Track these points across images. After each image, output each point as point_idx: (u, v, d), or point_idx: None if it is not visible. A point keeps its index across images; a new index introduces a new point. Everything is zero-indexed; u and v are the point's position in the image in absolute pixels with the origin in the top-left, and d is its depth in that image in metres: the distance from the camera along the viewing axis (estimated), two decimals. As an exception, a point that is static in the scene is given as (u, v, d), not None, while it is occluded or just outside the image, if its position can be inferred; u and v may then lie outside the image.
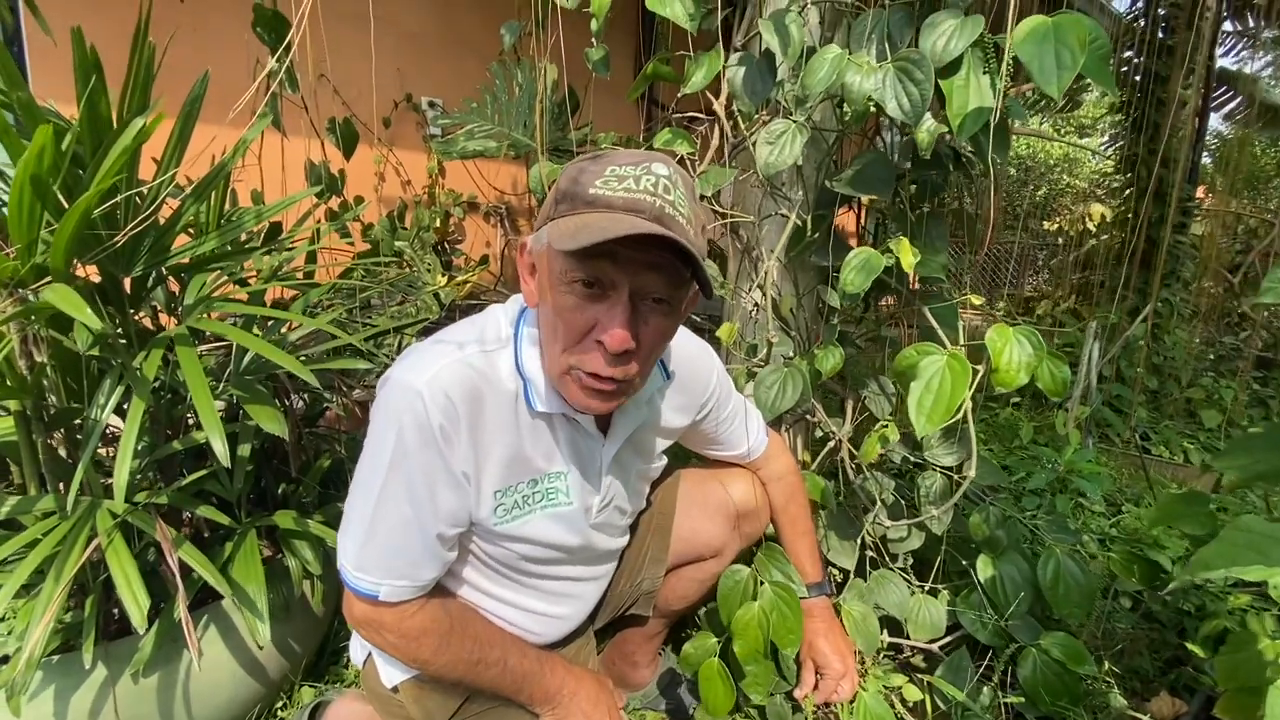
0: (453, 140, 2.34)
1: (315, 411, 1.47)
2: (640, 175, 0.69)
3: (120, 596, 0.82)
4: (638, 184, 0.68)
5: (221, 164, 0.97)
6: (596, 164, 0.71)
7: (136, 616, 0.81)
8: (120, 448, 0.79)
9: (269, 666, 1.14)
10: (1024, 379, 0.99)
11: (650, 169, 0.69)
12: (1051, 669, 1.15)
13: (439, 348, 0.78)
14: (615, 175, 0.69)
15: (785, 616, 1.04)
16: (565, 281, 0.70)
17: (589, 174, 0.70)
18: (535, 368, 0.80)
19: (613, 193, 0.68)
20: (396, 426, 0.73)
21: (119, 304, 1.01)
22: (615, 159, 0.71)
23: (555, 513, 0.87)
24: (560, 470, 0.86)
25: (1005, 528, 1.31)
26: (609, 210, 0.67)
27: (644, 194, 0.68)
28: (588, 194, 0.69)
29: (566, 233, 0.67)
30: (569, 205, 0.70)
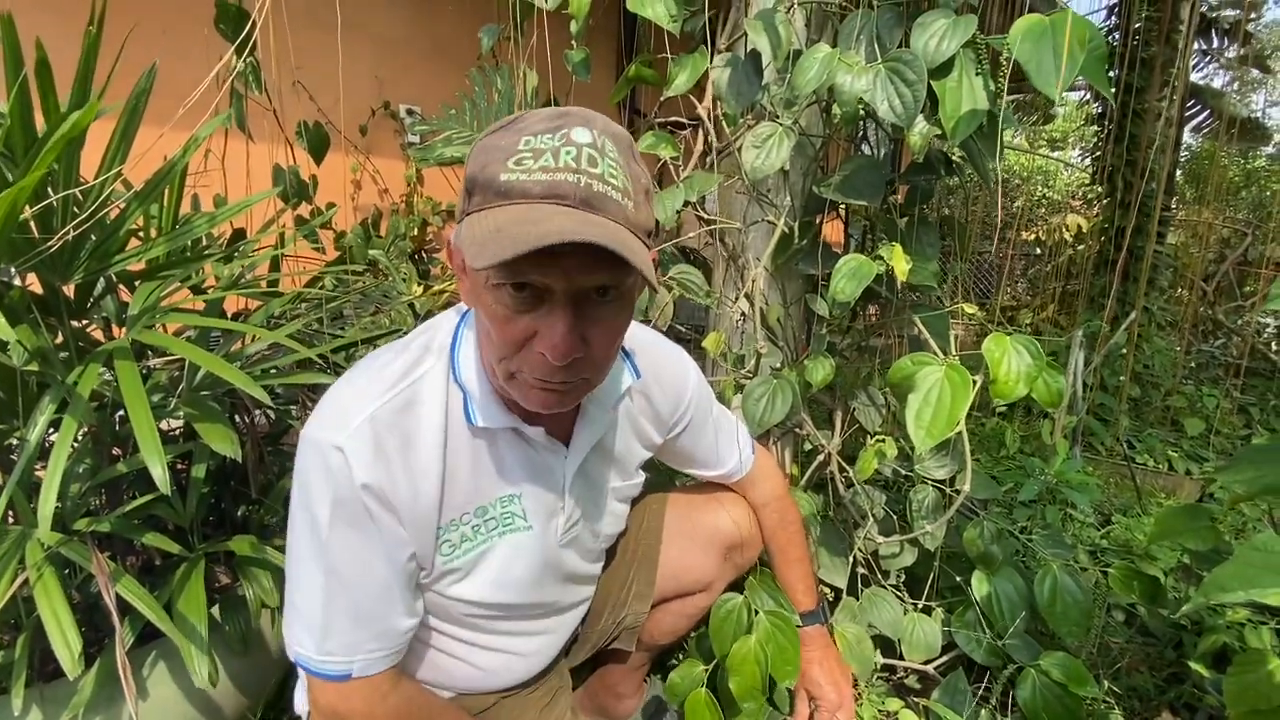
0: (430, 147, 2.28)
1: (279, 429, 1.40)
2: (560, 148, 0.57)
3: (50, 639, 0.74)
4: (557, 159, 0.56)
5: (172, 162, 0.91)
6: (508, 135, 0.58)
7: (68, 661, 0.73)
8: (48, 471, 0.71)
9: (224, 705, 1.05)
10: (1023, 391, 0.95)
11: (570, 136, 0.57)
12: (1052, 691, 1.11)
13: (353, 389, 0.68)
14: (530, 150, 0.57)
15: (783, 648, 0.98)
16: (491, 287, 0.59)
17: (499, 151, 0.58)
18: (471, 376, 0.70)
19: (529, 177, 0.56)
20: (322, 497, 0.65)
21: (59, 314, 0.94)
22: (529, 124, 0.58)
23: (513, 540, 0.77)
24: (511, 493, 0.76)
25: (1000, 543, 1.27)
26: (525, 201, 0.56)
27: (565, 172, 0.56)
28: (499, 181, 0.57)
29: (476, 239, 0.56)
30: (481, 197, 0.58)
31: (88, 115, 0.70)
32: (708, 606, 1.04)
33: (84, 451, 0.99)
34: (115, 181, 0.83)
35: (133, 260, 0.89)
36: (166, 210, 1.02)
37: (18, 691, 0.81)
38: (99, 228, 0.90)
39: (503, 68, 2.21)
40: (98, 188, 0.80)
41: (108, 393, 0.98)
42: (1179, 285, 4.17)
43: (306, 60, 1.63)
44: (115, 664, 0.88)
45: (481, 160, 0.59)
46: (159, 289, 0.90)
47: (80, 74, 0.81)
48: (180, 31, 2.22)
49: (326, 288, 1.46)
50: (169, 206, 1.01)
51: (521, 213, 0.55)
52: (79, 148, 0.89)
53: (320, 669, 0.69)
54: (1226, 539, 1.03)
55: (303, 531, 0.68)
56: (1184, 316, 3.62)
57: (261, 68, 1.40)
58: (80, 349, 0.96)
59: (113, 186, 0.81)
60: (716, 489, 1.08)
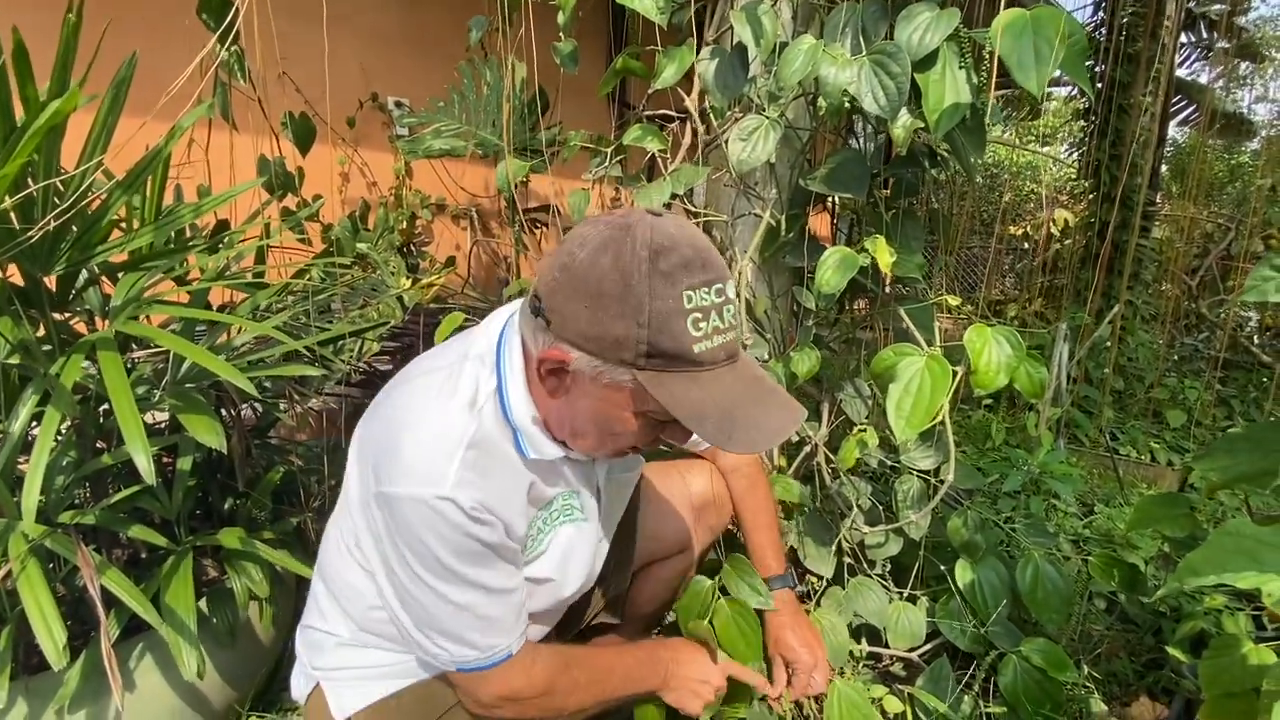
0: (419, 139, 2.27)
1: (267, 421, 1.39)
2: (721, 306, 0.65)
3: (35, 631, 0.74)
4: (723, 319, 0.65)
5: (155, 151, 0.90)
6: (670, 285, 0.63)
7: (52, 653, 0.73)
8: (31, 463, 0.71)
9: (212, 697, 1.06)
10: (1003, 380, 0.97)
11: (725, 292, 0.66)
12: (1033, 676, 1.13)
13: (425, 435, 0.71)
14: (699, 309, 0.63)
15: (742, 633, 1.00)
16: (641, 414, 0.70)
17: (676, 315, 0.62)
18: (525, 417, 0.75)
19: (712, 344, 0.65)
20: (445, 544, 0.70)
21: (41, 306, 0.93)
22: (682, 270, 0.63)
23: (572, 525, 0.87)
24: (571, 490, 0.87)
25: (983, 532, 1.29)
26: (714, 366, 0.66)
27: (731, 333, 0.66)
28: (693, 353, 0.64)
29: (705, 416, 0.64)
30: (666, 361, 0.64)
31: (68, 103, 0.69)
32: (685, 571, 1.09)
33: (68, 444, 0.98)
34: (96, 171, 0.82)
35: (115, 251, 0.88)
36: (149, 201, 1.01)
37: (2, 684, 0.80)
38: (80, 218, 0.89)
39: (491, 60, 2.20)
40: (78, 177, 0.79)
41: (91, 385, 0.98)
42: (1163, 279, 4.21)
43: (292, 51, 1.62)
44: (101, 656, 0.88)
45: (656, 322, 0.63)
46: (142, 280, 0.90)
47: (59, 62, 0.80)
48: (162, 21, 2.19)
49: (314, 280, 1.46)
50: (152, 197, 1.00)
51: (729, 386, 0.66)
52: (59, 137, 0.88)
53: (490, 661, 0.76)
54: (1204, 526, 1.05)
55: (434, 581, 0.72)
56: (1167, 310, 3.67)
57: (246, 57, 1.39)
58: (63, 341, 0.95)
59: (94, 176, 0.80)
60: (684, 457, 1.13)
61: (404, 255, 2.48)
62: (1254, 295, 0.79)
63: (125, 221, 1.02)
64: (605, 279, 0.63)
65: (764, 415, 0.66)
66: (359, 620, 0.83)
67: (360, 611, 0.82)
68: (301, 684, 0.89)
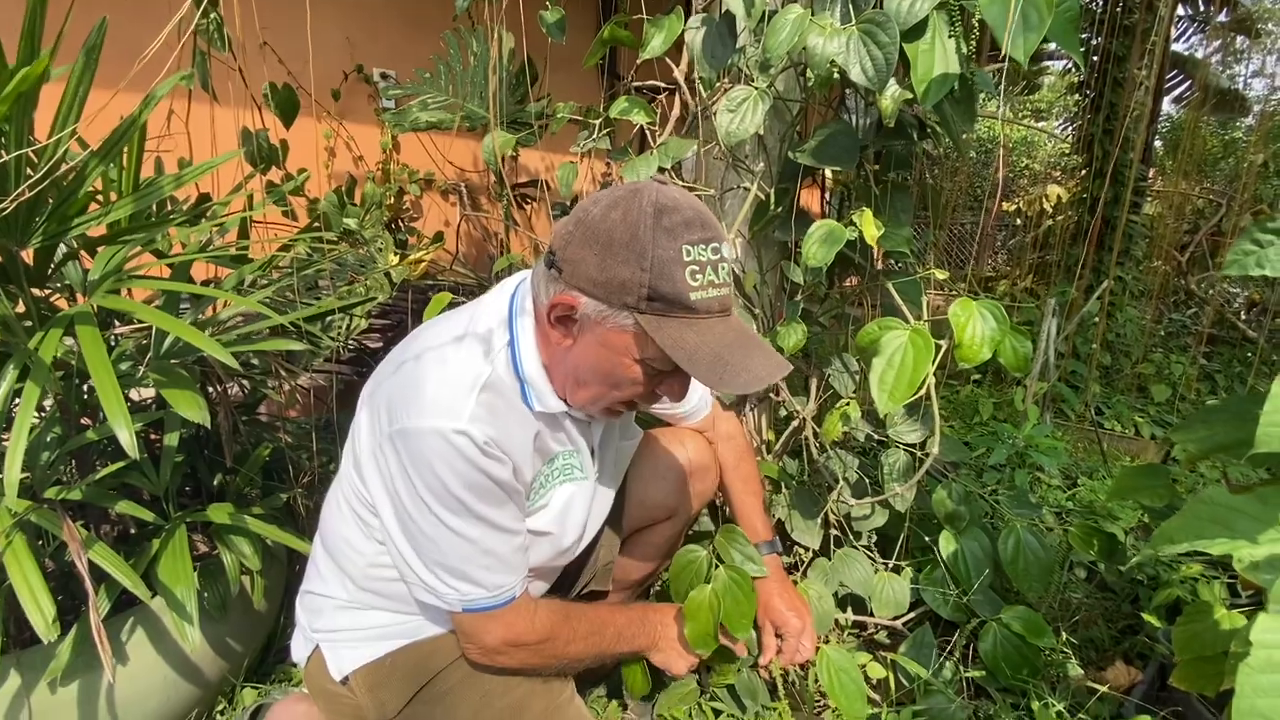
0: (405, 111, 2.23)
1: (255, 398, 1.39)
2: (716, 263, 0.71)
3: (22, 603, 0.74)
4: (718, 274, 0.71)
5: (130, 119, 0.88)
6: (670, 239, 0.69)
7: (41, 625, 0.73)
8: (12, 437, 0.71)
9: (205, 669, 1.07)
10: (987, 354, 0.97)
11: (721, 252, 0.72)
12: (1012, 642, 1.15)
13: (443, 374, 0.76)
14: (695, 263, 0.69)
15: (738, 601, 1.01)
16: (640, 361, 0.74)
17: (674, 264, 0.69)
18: (534, 370, 0.80)
19: (707, 294, 0.70)
20: (457, 476, 0.73)
21: (19, 281, 0.92)
22: (683, 228, 0.69)
23: (572, 484, 0.92)
24: (571, 449, 0.91)
25: (967, 504, 1.31)
26: (709, 316, 0.71)
27: (724, 287, 0.72)
28: (689, 299, 0.69)
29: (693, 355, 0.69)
30: (666, 306, 0.70)
31: (37, 69, 0.68)
32: (674, 537, 1.11)
33: (51, 421, 0.98)
34: (70, 140, 0.81)
35: (93, 223, 0.87)
36: (127, 173, 0.99)
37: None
38: (56, 190, 0.87)
39: (478, 29, 2.15)
40: (52, 147, 0.77)
41: (73, 361, 0.97)
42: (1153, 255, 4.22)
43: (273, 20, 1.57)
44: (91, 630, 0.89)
45: (657, 268, 0.69)
46: (121, 253, 0.89)
47: (27, 29, 0.78)
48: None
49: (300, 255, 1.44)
50: (129, 169, 0.98)
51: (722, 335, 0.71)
52: (31, 107, 0.86)
53: (496, 601, 0.79)
54: (1182, 497, 1.07)
55: (445, 515, 0.75)
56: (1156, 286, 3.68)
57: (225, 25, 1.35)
58: (43, 317, 0.94)
59: (68, 145, 0.78)
60: (673, 428, 1.15)
61: (392, 231, 2.45)
62: (1235, 270, 0.79)
63: (103, 194, 1.00)
64: (615, 230, 0.70)
65: (752, 362, 0.71)
66: (357, 579, 0.85)
67: (359, 570, 0.84)
68: (301, 647, 0.91)
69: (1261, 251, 0.78)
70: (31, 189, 0.75)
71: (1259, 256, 0.78)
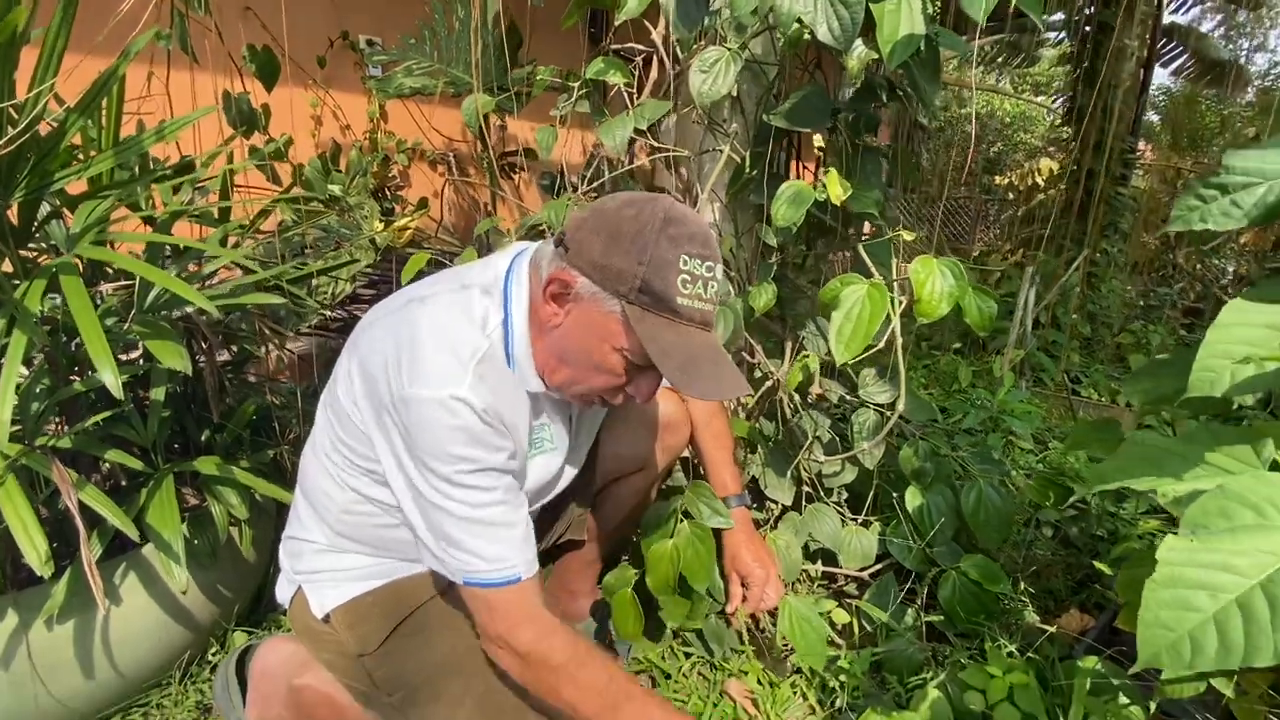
0: (390, 78, 2.23)
1: (241, 358, 1.42)
2: (708, 280, 0.76)
3: (17, 541, 0.78)
4: (706, 290, 0.76)
5: (108, 72, 0.89)
6: (673, 247, 0.73)
7: (35, 560, 0.77)
8: (1, 382, 0.74)
9: (197, 613, 1.12)
10: (945, 309, 1.01)
11: (715, 272, 0.77)
12: (969, 589, 1.21)
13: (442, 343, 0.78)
14: (691, 275, 0.74)
15: (698, 553, 1.06)
16: (620, 351, 0.77)
17: (670, 268, 0.73)
18: (524, 353, 0.83)
19: (692, 304, 0.75)
20: (456, 441, 0.75)
21: (4, 238, 0.94)
22: (686, 240, 0.74)
23: (545, 457, 0.94)
24: (545, 422, 0.93)
25: (934, 462, 1.35)
26: (692, 325, 0.76)
27: (711, 303, 0.77)
28: (675, 303, 0.74)
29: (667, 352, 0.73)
30: (653, 302, 0.74)
31: (18, 16, 0.69)
32: (645, 489, 1.15)
33: (40, 374, 1.01)
34: (50, 95, 0.82)
35: (74, 177, 0.89)
36: (106, 131, 1.01)
37: (-9, 592, 0.85)
38: (36, 145, 0.89)
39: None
40: (32, 100, 0.79)
41: (59, 316, 1.00)
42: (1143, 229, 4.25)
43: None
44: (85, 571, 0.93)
45: (653, 266, 0.73)
46: (102, 207, 0.91)
47: (2, -17, 0.79)
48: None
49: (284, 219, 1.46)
50: (109, 126, 1.00)
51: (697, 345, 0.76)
52: (12, 67, 0.88)
53: (497, 578, 0.78)
54: (1132, 449, 1.12)
55: (443, 480, 0.77)
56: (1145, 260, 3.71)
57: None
58: (28, 273, 0.97)
59: (47, 100, 0.80)
60: None
61: (379, 199, 2.46)
62: (1179, 224, 0.82)
63: (83, 151, 1.02)
64: (624, 224, 0.75)
65: (721, 374, 0.77)
66: (333, 524, 0.89)
67: (334, 516, 0.88)
68: (285, 589, 0.96)
69: (1205, 207, 0.81)
70: (13, 141, 0.77)
71: (1202, 211, 0.81)
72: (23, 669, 0.94)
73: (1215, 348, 0.75)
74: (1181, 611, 0.56)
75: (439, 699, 0.88)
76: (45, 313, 1.00)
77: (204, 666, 1.17)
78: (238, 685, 1.03)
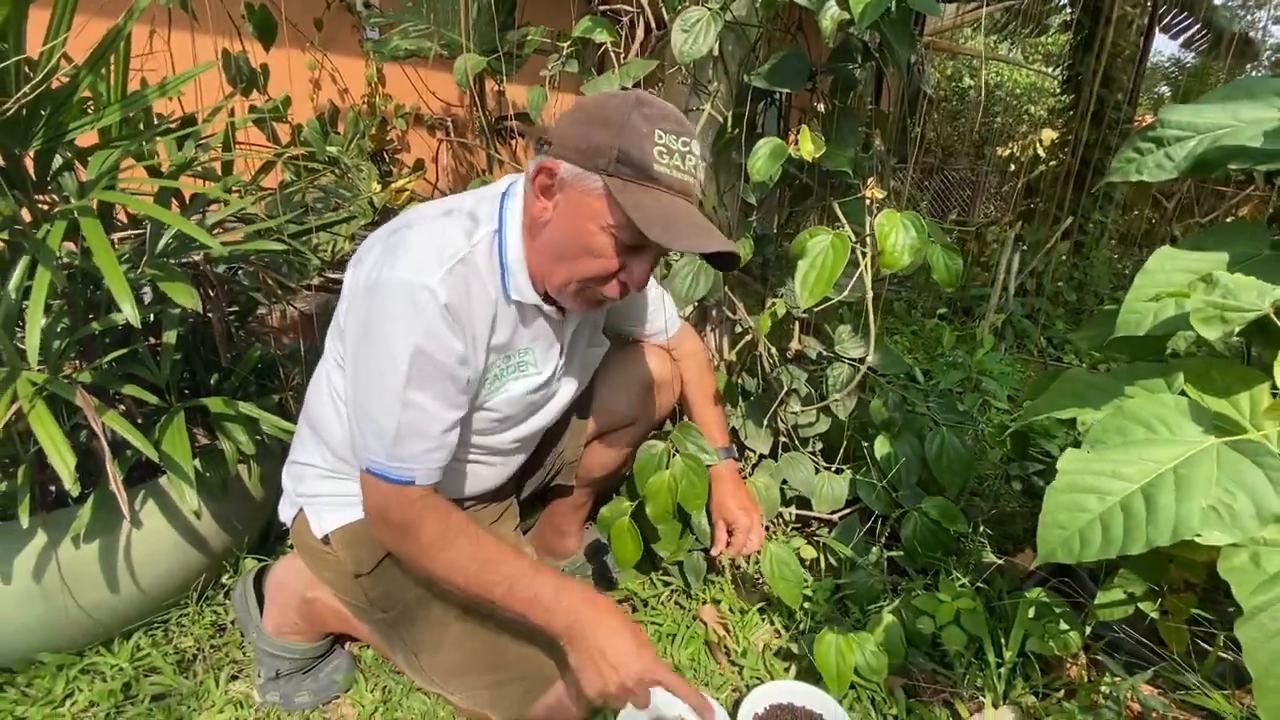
0: (386, 40, 2.25)
1: (247, 308, 1.49)
2: (685, 153, 0.80)
3: (49, 458, 0.86)
4: (684, 163, 0.80)
5: (116, 29, 0.95)
6: (646, 123, 0.78)
7: (65, 475, 0.85)
8: (29, 316, 0.81)
9: (210, 539, 1.21)
10: (907, 261, 1.07)
11: (691, 147, 0.81)
12: (928, 528, 1.29)
13: (427, 241, 0.82)
14: (665, 147, 0.78)
15: (693, 484, 1.14)
16: (607, 229, 0.80)
17: (645, 139, 0.77)
18: (517, 258, 0.88)
19: (671, 173, 0.79)
20: (412, 328, 0.79)
21: (24, 187, 1.00)
22: (657, 119, 0.79)
23: (526, 381, 0.98)
24: (529, 346, 0.96)
25: (902, 413, 1.43)
26: (670, 192, 0.79)
27: (689, 175, 0.81)
28: (653, 169, 0.78)
29: (648, 214, 0.76)
30: (632, 172, 0.78)
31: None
32: (634, 441, 1.22)
33: (60, 314, 1.08)
34: (62, 50, 0.88)
35: (87, 128, 0.95)
36: (114, 87, 1.07)
37: (24, 510, 0.94)
38: (49, 99, 0.95)
39: (458, -45, 2.15)
40: (46, 55, 0.85)
41: (77, 262, 1.07)
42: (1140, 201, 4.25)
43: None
44: (108, 497, 1.02)
45: (628, 138, 0.77)
46: (114, 156, 0.97)
47: (15, -61, 0.84)
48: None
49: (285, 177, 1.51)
50: (116, 82, 1.05)
51: (677, 207, 0.79)
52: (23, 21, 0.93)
53: (392, 474, 0.82)
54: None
55: (386, 359, 0.80)
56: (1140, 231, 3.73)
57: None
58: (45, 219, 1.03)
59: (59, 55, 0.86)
60: (639, 344, 1.25)
61: (376, 163, 2.50)
62: (1117, 176, 0.88)
63: (93, 106, 1.07)
64: (600, 109, 0.80)
65: (704, 232, 0.80)
66: (334, 452, 0.97)
67: (335, 444, 0.96)
68: (288, 510, 1.04)
69: (1141, 159, 0.86)
70: (31, 92, 0.83)
71: (1139, 164, 0.87)
72: (53, 582, 1.03)
73: (1141, 291, 0.82)
74: (1074, 513, 0.63)
75: (428, 618, 0.97)
76: (62, 259, 1.07)
77: (218, 590, 1.27)
78: (255, 598, 1.13)
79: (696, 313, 1.55)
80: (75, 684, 1.08)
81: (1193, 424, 0.63)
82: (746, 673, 1.15)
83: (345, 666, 1.13)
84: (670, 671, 0.80)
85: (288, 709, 1.07)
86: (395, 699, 1.09)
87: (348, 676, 1.12)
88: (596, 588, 1.35)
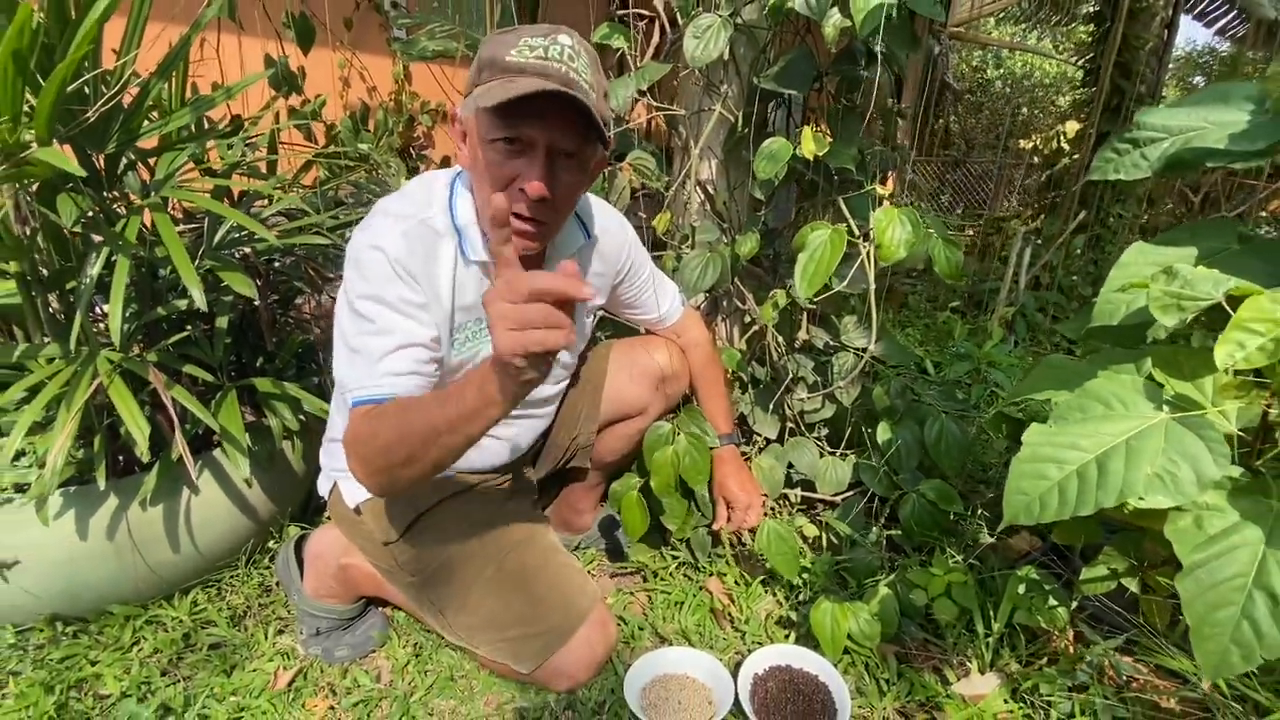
0: (413, 41, 2.35)
1: (290, 295, 1.60)
2: (549, 45, 0.82)
3: (126, 426, 0.97)
4: (546, 53, 0.81)
5: (183, 39, 1.05)
6: (511, 35, 0.83)
7: (140, 440, 0.96)
8: (111, 301, 0.92)
9: (259, 508, 1.32)
10: (902, 254, 1.13)
11: (557, 40, 0.82)
12: (926, 508, 1.36)
13: (389, 216, 0.92)
14: (528, 45, 0.81)
15: (695, 460, 1.23)
16: (490, 140, 0.83)
17: (505, 45, 0.82)
18: (468, 218, 0.94)
19: (526, 60, 0.80)
20: (362, 276, 0.87)
21: (96, 184, 1.11)
22: (525, 32, 0.83)
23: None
24: None
25: (904, 400, 1.49)
26: (523, 75, 0.80)
27: (552, 61, 0.81)
28: (505, 61, 0.81)
29: (488, 94, 0.79)
30: (490, 72, 0.82)
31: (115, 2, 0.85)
32: (644, 429, 1.30)
33: (129, 301, 1.20)
34: (133, 65, 0.98)
35: (155, 132, 1.05)
36: (175, 93, 1.17)
37: (100, 473, 1.05)
38: (120, 108, 1.06)
39: (483, -41, 2.24)
40: (121, 67, 0.95)
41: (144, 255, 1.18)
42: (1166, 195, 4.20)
43: (288, -49, 1.71)
44: (171, 465, 1.14)
45: (490, 49, 0.82)
46: (180, 158, 1.08)
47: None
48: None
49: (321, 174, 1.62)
50: (178, 89, 1.16)
51: (530, 84, 0.78)
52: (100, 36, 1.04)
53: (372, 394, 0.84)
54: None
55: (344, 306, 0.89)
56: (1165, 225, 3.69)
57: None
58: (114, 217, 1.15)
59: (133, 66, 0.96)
60: (652, 337, 1.32)
61: (404, 159, 2.61)
62: (1097, 175, 0.94)
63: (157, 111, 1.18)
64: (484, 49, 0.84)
65: (546, 86, 0.77)
66: None
67: None
68: (324, 483, 1.15)
69: (1119, 159, 0.92)
70: (108, 101, 0.94)
71: (1116, 164, 0.92)
72: (123, 541, 1.15)
73: (1115, 284, 0.88)
74: (1036, 480, 0.70)
75: (451, 580, 1.07)
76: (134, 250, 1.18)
77: (264, 555, 1.39)
78: (296, 563, 1.24)
79: (708, 303, 1.63)
80: (141, 633, 1.20)
81: (1146, 401, 0.70)
82: (749, 638, 1.23)
83: (380, 625, 1.24)
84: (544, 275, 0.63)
85: (329, 661, 1.18)
86: (426, 653, 1.19)
87: (382, 633, 1.22)
88: (609, 560, 1.44)
